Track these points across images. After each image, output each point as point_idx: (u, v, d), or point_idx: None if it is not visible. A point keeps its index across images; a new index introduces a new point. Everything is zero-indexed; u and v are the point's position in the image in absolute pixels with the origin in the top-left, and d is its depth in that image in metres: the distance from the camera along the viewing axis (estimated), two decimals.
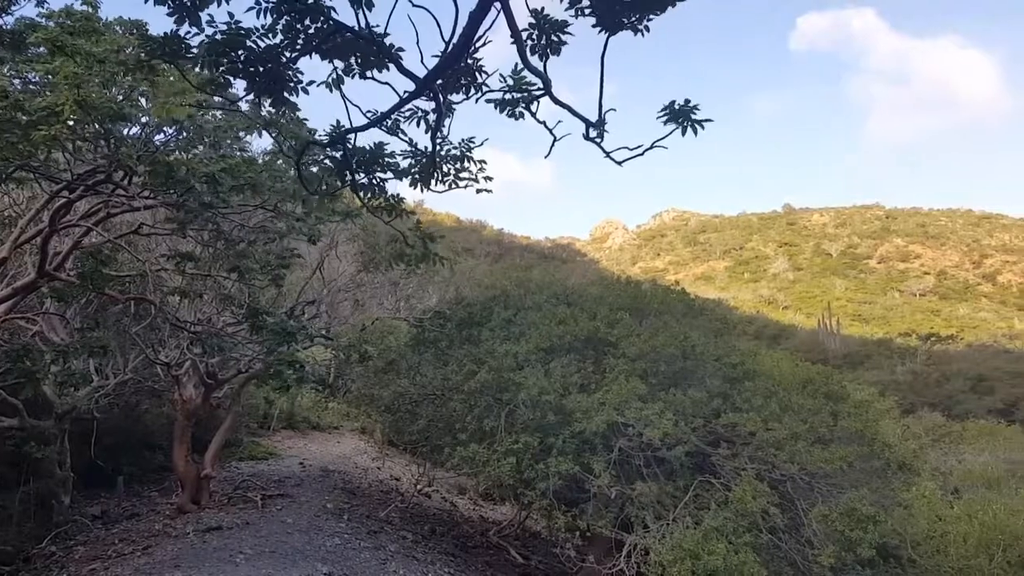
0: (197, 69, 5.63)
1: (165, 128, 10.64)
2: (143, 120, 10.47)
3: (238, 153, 11.56)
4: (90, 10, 9.37)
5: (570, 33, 5.32)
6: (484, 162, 7.74)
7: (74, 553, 12.80)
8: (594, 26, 4.82)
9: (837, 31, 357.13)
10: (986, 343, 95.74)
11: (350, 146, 6.40)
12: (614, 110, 5.43)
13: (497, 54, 6.27)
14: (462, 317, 17.04)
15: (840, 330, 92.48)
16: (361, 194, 7.12)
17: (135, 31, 9.69)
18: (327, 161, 8.01)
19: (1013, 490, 20.56)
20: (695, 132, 5.29)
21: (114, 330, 14.75)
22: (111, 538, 13.47)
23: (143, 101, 10.12)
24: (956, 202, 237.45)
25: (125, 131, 10.37)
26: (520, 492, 13.44)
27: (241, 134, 11.59)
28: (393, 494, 18.80)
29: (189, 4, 4.51)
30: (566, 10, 4.94)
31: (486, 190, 8.01)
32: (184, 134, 10.86)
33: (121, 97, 9.41)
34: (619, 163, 5.58)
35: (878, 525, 11.21)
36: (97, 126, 9.31)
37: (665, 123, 5.30)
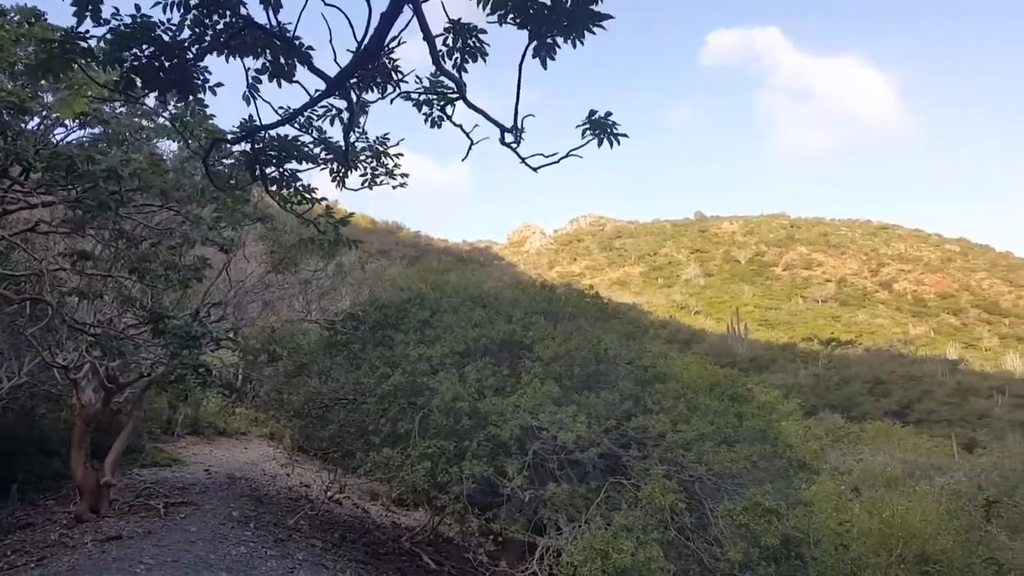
0: (100, 69, 5.39)
1: (67, 122, 10.22)
2: (43, 113, 10.03)
3: (147, 153, 11.15)
4: None
5: (485, 43, 5.30)
6: (400, 155, 7.84)
7: None
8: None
9: (745, 48, 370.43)
10: (883, 348, 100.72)
11: (260, 145, 6.25)
12: (532, 116, 5.45)
13: (418, 55, 6.24)
14: (376, 319, 16.86)
15: (747, 335, 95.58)
16: (272, 188, 6.95)
17: (33, 19, 9.24)
18: (237, 156, 7.85)
19: (910, 489, 21.64)
20: (611, 145, 5.36)
21: (8, 332, 14.06)
22: (3, 549, 12.78)
23: (47, 96, 9.70)
24: (856, 213, 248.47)
25: (24, 124, 9.90)
26: (434, 496, 13.37)
27: (153, 140, 11.25)
28: (302, 501, 18.45)
29: None
30: (488, 16, 4.74)
31: (402, 185, 8.05)
32: (87, 129, 10.44)
33: (20, 86, 8.99)
34: (535, 169, 5.61)
35: (780, 519, 11.59)
36: None
37: (584, 134, 5.34)
